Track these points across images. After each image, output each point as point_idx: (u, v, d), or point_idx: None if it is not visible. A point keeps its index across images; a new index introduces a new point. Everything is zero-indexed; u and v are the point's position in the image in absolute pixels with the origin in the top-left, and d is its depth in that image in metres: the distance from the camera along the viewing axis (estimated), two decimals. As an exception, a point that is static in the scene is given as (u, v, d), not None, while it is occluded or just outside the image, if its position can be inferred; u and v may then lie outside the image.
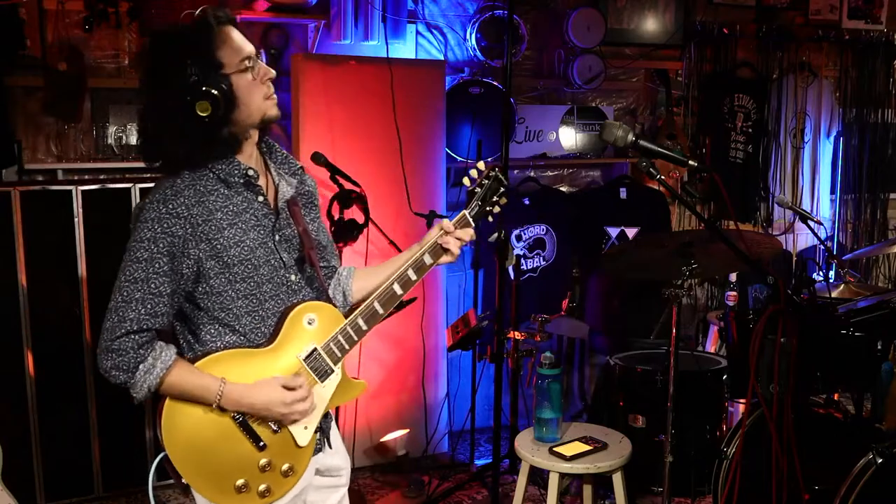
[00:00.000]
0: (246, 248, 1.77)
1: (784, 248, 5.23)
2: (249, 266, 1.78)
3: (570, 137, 4.65)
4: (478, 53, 4.27)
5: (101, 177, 3.61)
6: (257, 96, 1.76)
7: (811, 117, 5.22)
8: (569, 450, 2.84)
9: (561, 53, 4.58)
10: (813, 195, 5.30)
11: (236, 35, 1.76)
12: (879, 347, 2.73)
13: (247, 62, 1.75)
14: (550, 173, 4.75)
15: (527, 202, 4.45)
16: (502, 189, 1.94)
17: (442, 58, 4.30)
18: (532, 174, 4.59)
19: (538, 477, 3.59)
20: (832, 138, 5.34)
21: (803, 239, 5.34)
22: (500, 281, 3.61)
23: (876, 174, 5.45)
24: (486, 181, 1.94)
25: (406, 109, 3.81)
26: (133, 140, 3.81)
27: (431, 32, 4.31)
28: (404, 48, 4.14)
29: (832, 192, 5.43)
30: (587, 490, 3.19)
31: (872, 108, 5.39)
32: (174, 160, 1.75)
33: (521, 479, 2.99)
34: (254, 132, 1.83)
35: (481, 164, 1.97)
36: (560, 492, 2.90)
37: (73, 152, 3.73)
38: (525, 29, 4.37)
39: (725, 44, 5.00)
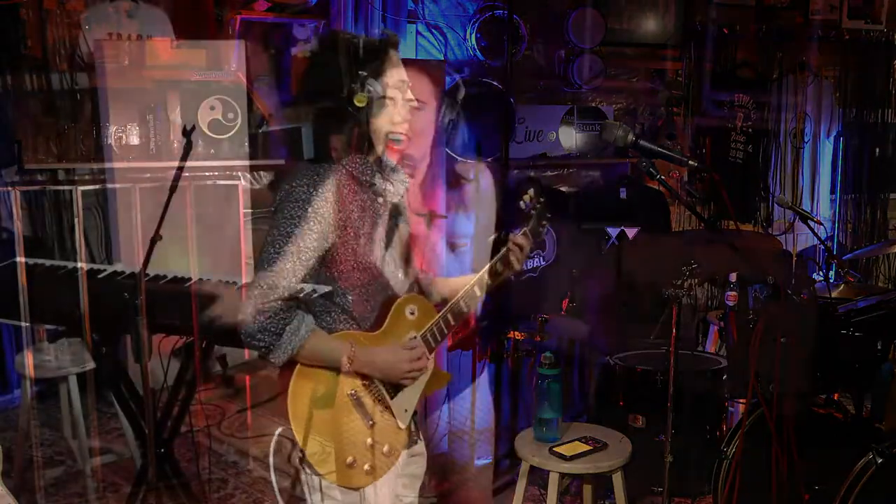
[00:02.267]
0: (371, 241, 1.93)
1: (784, 248, 5.23)
2: (371, 258, 1.93)
3: (570, 137, 4.65)
4: (478, 53, 4.27)
5: (101, 177, 3.61)
6: (396, 116, 1.97)
7: (811, 117, 5.21)
8: (569, 450, 2.84)
9: (561, 53, 4.57)
10: (813, 195, 5.30)
11: (398, 59, 1.97)
12: (879, 347, 2.73)
13: (401, 84, 1.95)
14: (550, 173, 4.74)
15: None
16: (548, 213, 2.26)
17: (442, 58, 4.29)
18: (532, 174, 4.58)
19: (538, 477, 3.58)
20: (832, 138, 5.34)
21: (803, 239, 5.34)
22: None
23: (876, 174, 5.45)
24: (538, 206, 2.22)
25: (406, 109, 3.80)
26: (133, 140, 3.80)
27: (431, 32, 4.31)
28: (404, 48, 4.13)
29: (832, 192, 5.43)
30: (587, 490, 3.19)
31: (872, 108, 5.39)
32: (327, 147, 1.92)
33: (521, 480, 2.98)
34: (379, 145, 1.99)
35: (531, 192, 2.23)
36: (560, 492, 2.90)
37: (73, 152, 3.72)
38: (525, 29, 4.37)
39: (725, 44, 5.00)
